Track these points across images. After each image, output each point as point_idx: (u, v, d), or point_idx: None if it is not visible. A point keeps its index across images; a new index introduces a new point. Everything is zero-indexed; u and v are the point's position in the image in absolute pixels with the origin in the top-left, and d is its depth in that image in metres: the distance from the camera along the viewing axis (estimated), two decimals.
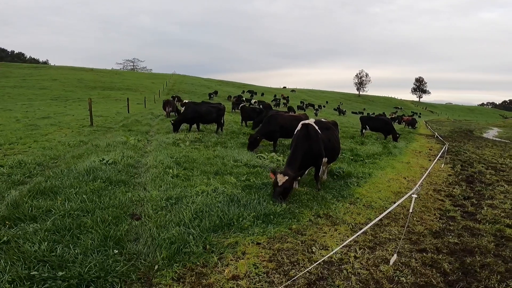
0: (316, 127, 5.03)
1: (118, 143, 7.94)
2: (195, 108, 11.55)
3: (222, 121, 12.07)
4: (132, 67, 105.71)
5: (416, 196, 2.96)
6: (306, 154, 4.68)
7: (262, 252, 3.00)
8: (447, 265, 3.23)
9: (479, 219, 4.82)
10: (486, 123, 55.01)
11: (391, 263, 2.99)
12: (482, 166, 10.01)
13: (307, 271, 2.76)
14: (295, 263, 2.92)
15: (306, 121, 5.13)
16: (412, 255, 3.37)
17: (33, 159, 6.17)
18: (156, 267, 2.54)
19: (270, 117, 8.81)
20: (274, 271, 2.73)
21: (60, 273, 2.24)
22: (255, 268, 2.70)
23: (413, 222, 4.43)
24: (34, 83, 37.52)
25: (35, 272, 2.23)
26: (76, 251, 2.56)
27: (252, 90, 54.09)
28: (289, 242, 3.30)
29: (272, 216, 3.73)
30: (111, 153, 6.58)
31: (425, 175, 5.73)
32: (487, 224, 4.60)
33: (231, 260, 2.78)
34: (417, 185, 3.05)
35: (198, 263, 2.67)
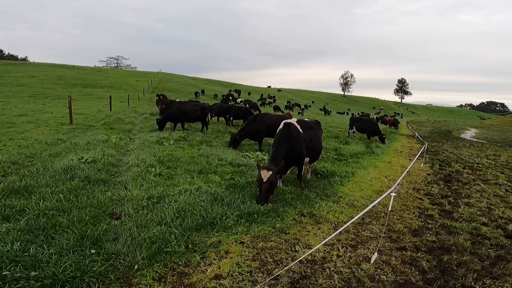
0: (298, 127, 5.06)
1: (99, 141, 7.71)
2: (180, 106, 11.42)
3: (207, 119, 11.98)
4: (116, 64, 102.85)
5: (395, 194, 3.02)
6: (287, 153, 4.69)
7: (245, 251, 2.98)
8: (426, 263, 3.32)
9: (456, 218, 4.98)
10: (464, 124, 57.19)
11: (372, 261, 3.05)
12: (460, 166, 10.37)
13: (291, 270, 2.77)
14: (278, 262, 2.92)
15: (288, 121, 5.15)
16: (392, 253, 3.45)
17: (8, 157, 5.90)
18: (136, 266, 2.47)
19: (255, 117, 8.82)
20: (257, 270, 2.72)
21: (33, 273, 2.15)
22: (238, 267, 2.68)
23: (393, 220, 4.54)
24: (11, 80, 35.94)
25: (7, 272, 2.13)
26: (50, 251, 2.46)
27: (239, 90, 53.92)
28: (272, 241, 3.30)
29: (256, 215, 3.72)
30: (91, 151, 6.37)
31: (404, 174, 5.89)
32: (464, 222, 4.76)
33: (214, 259, 2.75)
34: (396, 183, 3.12)
35: (180, 262, 2.62)
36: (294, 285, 2.60)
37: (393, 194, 3.00)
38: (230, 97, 33.60)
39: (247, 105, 23.87)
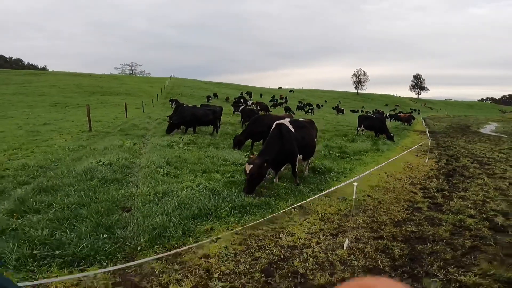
0: (290, 126, 5.48)
1: (115, 146, 8.43)
2: (192, 111, 12.06)
3: (218, 123, 12.55)
4: (131, 71, 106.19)
5: (357, 184, 3.39)
6: (278, 152, 5.12)
7: (234, 238, 3.45)
8: (398, 251, 3.58)
9: (444, 210, 5.19)
10: (485, 118, 55.09)
11: (344, 247, 3.43)
12: (468, 160, 10.28)
13: (271, 253, 3.21)
14: (261, 247, 3.37)
15: (280, 121, 5.58)
16: (368, 241, 3.79)
17: (36, 162, 6.67)
18: (139, 248, 3.02)
19: (256, 118, 9.29)
20: (241, 252, 3.18)
21: (57, 252, 2.73)
22: (225, 250, 3.16)
23: (379, 212, 4.86)
24: (33, 90, 37.79)
25: (37, 252, 2.72)
26: (72, 236, 3.06)
27: (250, 92, 54.53)
28: (261, 229, 3.75)
29: (248, 207, 4.19)
30: (108, 155, 7.06)
31: (380, 165, 6.15)
32: (450, 214, 4.94)
33: (206, 243, 3.24)
34: (368, 172, 3.47)
35: (176, 245, 3.14)
36: (271, 265, 3.04)
37: (355, 184, 3.37)
38: (242, 100, 34.19)
39: (258, 107, 24.36)
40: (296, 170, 5.60)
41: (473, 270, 3.26)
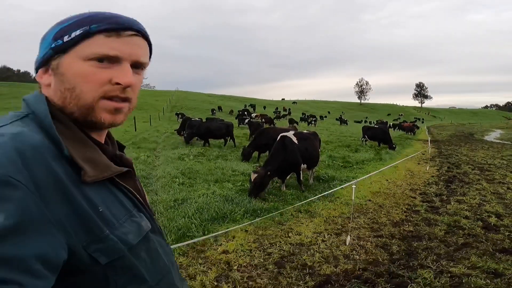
0: (294, 138, 5.99)
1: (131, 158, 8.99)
2: (207, 125, 12.94)
3: (232, 136, 13.42)
4: None
5: (355, 186, 3.84)
6: (282, 162, 5.62)
7: (248, 237, 3.90)
8: (396, 247, 3.97)
9: (441, 212, 5.57)
10: (489, 125, 55.15)
11: (347, 243, 3.85)
12: (469, 167, 10.58)
13: (282, 249, 3.65)
14: (273, 244, 3.80)
15: (285, 133, 6.10)
16: (369, 239, 4.20)
17: None
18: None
19: (262, 131, 9.83)
20: (256, 249, 3.62)
21: None
22: (241, 246, 3.61)
23: (379, 215, 5.26)
24: None
25: None
26: None
27: (254, 104, 55.49)
28: (271, 230, 4.19)
29: (259, 211, 4.64)
30: None
31: (374, 173, 6.56)
32: (446, 216, 5.33)
33: (224, 241, 3.70)
34: (366, 176, 3.92)
35: (198, 243, 3.59)
36: (282, 259, 3.47)
37: (354, 186, 3.82)
38: (245, 112, 34.92)
39: (263, 120, 24.98)
40: (301, 178, 6.05)
41: (463, 263, 3.63)
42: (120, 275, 0.63)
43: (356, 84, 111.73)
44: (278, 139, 5.99)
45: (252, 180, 5.22)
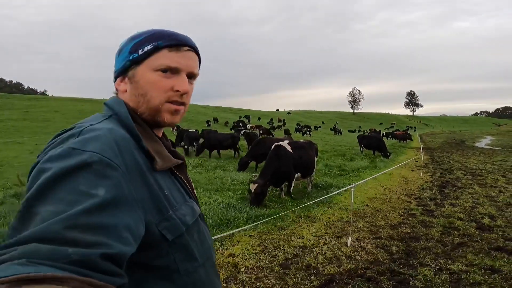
0: (288, 148, 6.12)
1: None
2: (216, 136, 13.65)
3: (237, 147, 13.94)
4: None
5: (354, 190, 4.01)
6: (276, 171, 5.72)
7: (252, 241, 4.01)
8: (395, 247, 4.14)
9: (436, 215, 5.76)
10: (480, 132, 56.31)
11: (348, 245, 3.99)
12: (461, 173, 10.88)
13: (286, 252, 3.77)
14: (277, 247, 3.92)
15: (279, 143, 6.25)
16: (369, 241, 4.34)
17: None
18: None
19: (258, 141, 10.00)
20: (261, 252, 3.73)
21: None
22: (246, 250, 3.71)
23: (377, 219, 5.42)
24: (37, 115, 37.50)
25: None
26: None
27: (249, 116, 55.88)
28: (274, 234, 4.31)
29: (261, 217, 4.76)
30: None
31: (368, 178, 6.74)
32: (441, 218, 5.52)
33: (229, 245, 3.80)
34: (363, 181, 4.09)
35: None
36: (287, 261, 3.59)
37: (352, 189, 4.00)
38: (241, 124, 35.15)
39: (261, 131, 25.20)
40: (291, 189, 6.10)
41: (461, 261, 3.79)
42: (178, 252, 0.73)
43: (349, 93, 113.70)
44: (272, 148, 6.14)
45: (253, 190, 5.36)
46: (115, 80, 0.85)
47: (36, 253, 0.47)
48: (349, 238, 4.00)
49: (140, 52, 0.80)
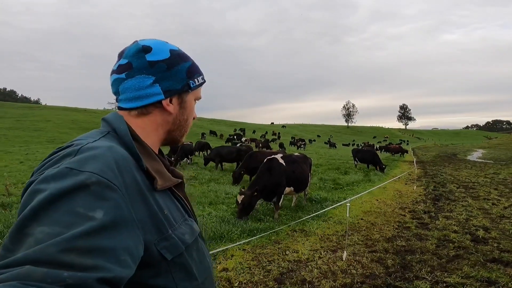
0: (281, 161, 6.05)
1: None
2: (230, 150, 13.90)
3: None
4: None
5: (349, 204, 4.01)
6: (266, 184, 5.61)
7: (246, 255, 3.93)
8: (391, 261, 4.10)
9: (430, 228, 5.76)
10: (471, 145, 57.23)
11: (343, 259, 3.94)
12: (454, 186, 10.96)
13: (280, 266, 3.70)
14: (271, 262, 3.85)
15: (272, 156, 6.22)
16: (364, 255, 4.30)
17: None
18: None
19: (251, 154, 10.00)
20: (255, 266, 3.66)
21: None
22: (240, 265, 3.63)
23: (372, 232, 5.39)
24: (28, 124, 36.83)
25: None
26: None
27: (244, 129, 56.10)
28: (268, 248, 4.24)
29: (255, 231, 4.69)
30: None
31: (365, 192, 6.74)
32: (436, 231, 5.52)
33: (222, 260, 3.72)
34: (357, 196, 4.09)
35: None
36: (282, 275, 3.52)
37: (348, 204, 3.99)
38: (235, 137, 35.20)
39: (260, 144, 25.28)
40: (280, 204, 5.96)
41: (457, 273, 3.77)
42: (177, 272, 0.72)
43: (343, 107, 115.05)
44: (265, 161, 6.10)
45: (240, 201, 5.28)
46: (165, 97, 0.84)
47: (30, 276, 0.46)
48: (345, 252, 3.96)
49: (196, 82, 0.90)
